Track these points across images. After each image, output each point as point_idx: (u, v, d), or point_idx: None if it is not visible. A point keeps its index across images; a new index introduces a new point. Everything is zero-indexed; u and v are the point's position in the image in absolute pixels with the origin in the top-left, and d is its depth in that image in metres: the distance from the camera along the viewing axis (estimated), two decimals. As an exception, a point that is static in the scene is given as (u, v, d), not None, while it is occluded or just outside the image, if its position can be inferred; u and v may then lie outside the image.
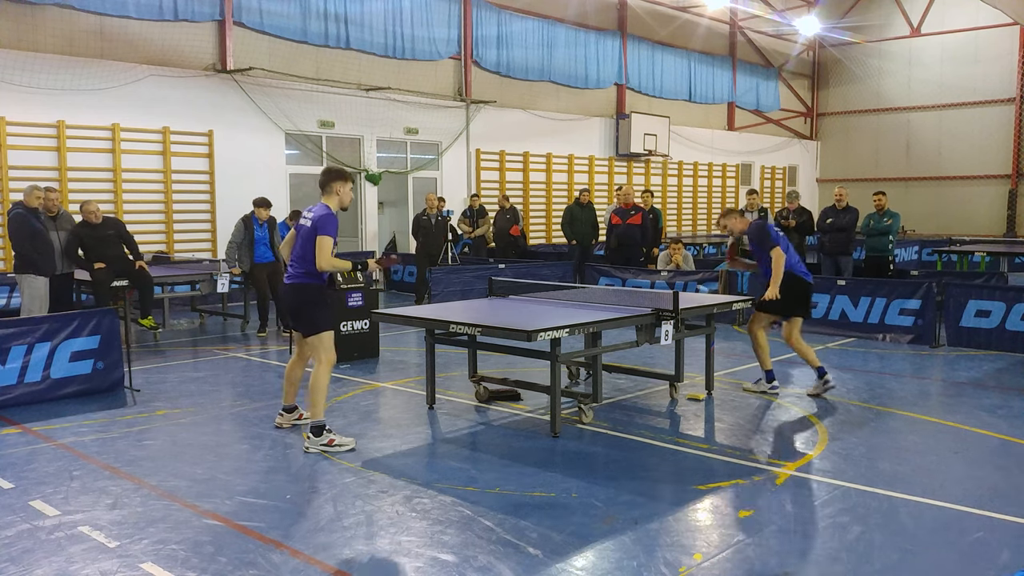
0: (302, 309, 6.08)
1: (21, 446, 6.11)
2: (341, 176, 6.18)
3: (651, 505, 4.90)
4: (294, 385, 6.53)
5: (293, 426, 6.54)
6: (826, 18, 26.80)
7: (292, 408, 6.59)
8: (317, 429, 5.96)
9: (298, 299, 6.07)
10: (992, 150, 26.19)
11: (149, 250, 13.47)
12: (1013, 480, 5.37)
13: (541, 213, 20.62)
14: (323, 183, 6.16)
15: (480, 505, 4.88)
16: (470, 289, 12.80)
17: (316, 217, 5.98)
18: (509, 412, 7.07)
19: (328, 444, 5.92)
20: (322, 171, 6.32)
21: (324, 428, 5.97)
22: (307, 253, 5.95)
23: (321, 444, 5.92)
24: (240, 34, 14.97)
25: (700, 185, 25.28)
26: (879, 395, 7.64)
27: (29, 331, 7.35)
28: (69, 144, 13.03)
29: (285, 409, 6.60)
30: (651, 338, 6.74)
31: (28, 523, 4.63)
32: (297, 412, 6.60)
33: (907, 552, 4.24)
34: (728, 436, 6.42)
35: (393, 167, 17.69)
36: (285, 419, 6.57)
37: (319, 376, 6.03)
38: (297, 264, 6.04)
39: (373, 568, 4.08)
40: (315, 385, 6.01)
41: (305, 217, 6.11)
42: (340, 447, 5.93)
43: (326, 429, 5.98)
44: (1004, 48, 25.75)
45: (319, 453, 5.86)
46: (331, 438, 5.95)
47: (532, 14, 19.93)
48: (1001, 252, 15.95)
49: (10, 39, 12.59)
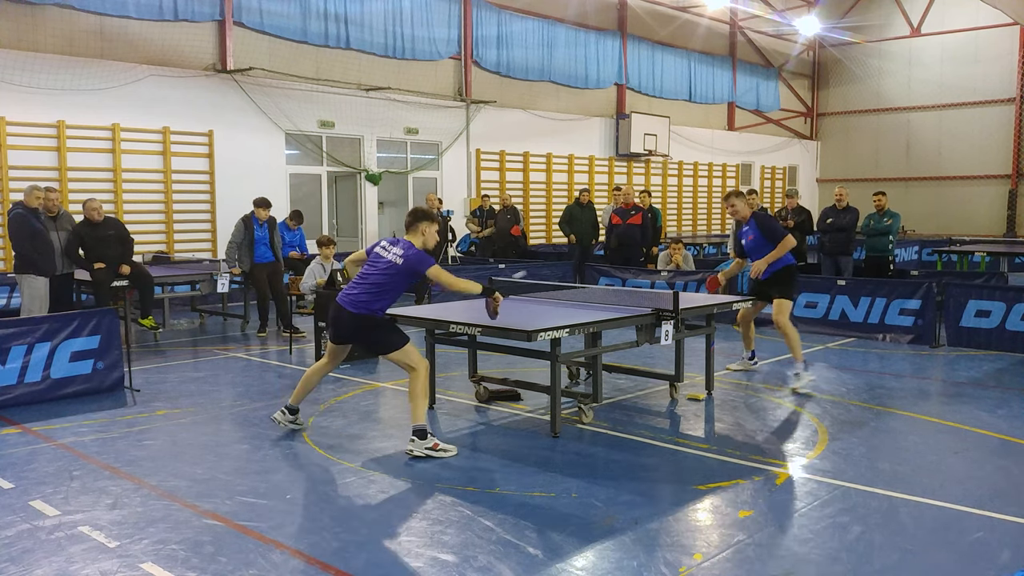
0: (371, 336, 6.03)
1: (21, 446, 6.11)
2: (429, 217, 6.14)
3: (651, 505, 4.90)
4: (308, 390, 6.42)
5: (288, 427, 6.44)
6: (826, 18, 26.80)
7: (296, 410, 6.46)
8: (422, 432, 5.87)
9: (362, 331, 5.99)
10: (992, 150, 26.20)
11: (149, 250, 13.49)
12: (1013, 480, 5.37)
13: (541, 213, 20.62)
14: (410, 223, 6.11)
15: (480, 505, 4.88)
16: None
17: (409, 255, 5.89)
18: (509, 412, 7.07)
19: (433, 448, 5.84)
20: (412, 211, 6.22)
21: (427, 432, 5.89)
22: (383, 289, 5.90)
23: (426, 447, 5.82)
24: (240, 34, 14.98)
25: (700, 185, 25.30)
26: (879, 395, 7.64)
27: (29, 331, 7.35)
28: (69, 144, 13.04)
29: (290, 409, 6.44)
30: (651, 338, 6.74)
31: (28, 523, 4.63)
32: (297, 416, 6.49)
33: (907, 552, 4.24)
34: (728, 436, 6.41)
35: (393, 167, 17.70)
36: (285, 418, 6.44)
37: (416, 384, 5.96)
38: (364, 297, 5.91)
39: (373, 568, 4.08)
40: (414, 393, 5.95)
41: (385, 248, 6.00)
42: (444, 452, 5.84)
43: (430, 433, 5.93)
44: (1004, 48, 25.75)
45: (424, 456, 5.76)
46: (436, 442, 5.88)
47: (532, 14, 19.93)
48: (1001, 252, 15.95)
49: (10, 39, 12.60)
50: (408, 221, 6.14)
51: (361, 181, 17.09)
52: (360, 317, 5.94)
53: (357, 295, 5.96)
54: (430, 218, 6.14)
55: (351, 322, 5.97)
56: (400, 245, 6.00)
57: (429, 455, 5.81)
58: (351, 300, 5.96)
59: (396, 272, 5.90)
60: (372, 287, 5.93)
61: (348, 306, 5.95)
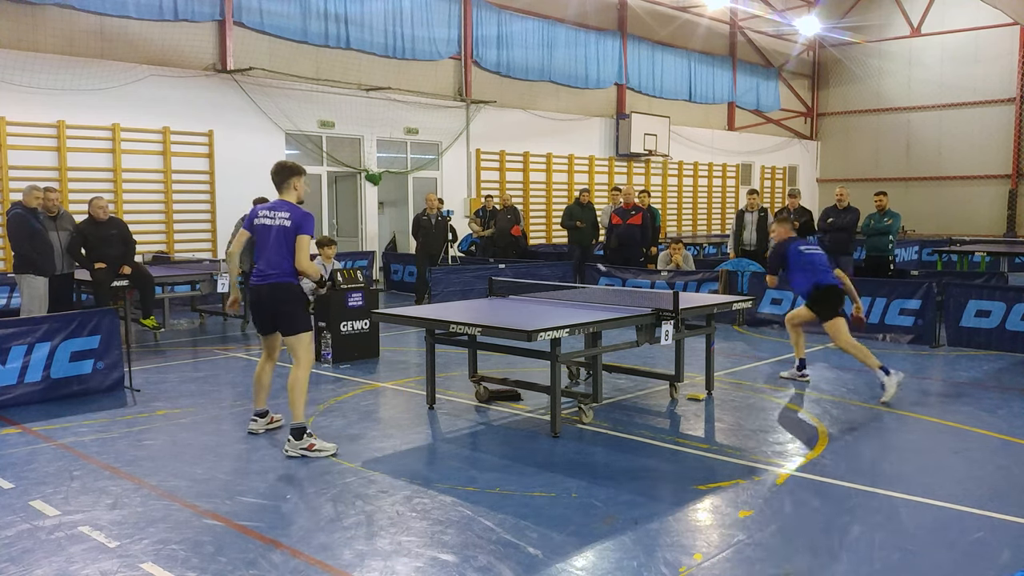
0: (282, 309, 5.96)
1: (21, 446, 6.11)
2: (298, 171, 6.09)
3: (651, 505, 4.90)
4: (265, 389, 6.35)
5: (267, 431, 6.40)
6: (826, 18, 26.80)
7: (264, 412, 6.40)
8: (298, 432, 5.81)
9: (278, 299, 5.94)
10: (992, 150, 26.19)
11: (149, 250, 13.49)
12: (1013, 480, 5.37)
13: (541, 213, 20.62)
14: (281, 181, 6.03)
15: (480, 505, 4.88)
16: (470, 289, 12.80)
17: (296, 217, 5.88)
18: (509, 412, 7.07)
19: (308, 448, 5.77)
20: (277, 166, 6.15)
21: (305, 431, 5.83)
22: (283, 252, 5.86)
23: (301, 448, 5.77)
24: (240, 34, 14.97)
25: (700, 185, 25.29)
26: (879, 395, 7.63)
27: (29, 331, 7.35)
28: (69, 144, 13.04)
29: (258, 414, 6.39)
30: (651, 338, 6.74)
31: (28, 523, 4.63)
32: (269, 416, 6.45)
33: (907, 552, 4.24)
34: (728, 436, 6.41)
35: (393, 167, 17.69)
36: (259, 424, 6.37)
37: (300, 377, 5.91)
38: (272, 263, 5.89)
39: (373, 568, 4.08)
40: (295, 386, 5.87)
41: (268, 215, 5.95)
42: (320, 452, 5.78)
43: (307, 432, 5.84)
44: (1004, 48, 25.75)
45: (300, 457, 5.74)
46: (311, 442, 5.80)
47: (532, 14, 19.93)
48: (1001, 252, 15.95)
49: (10, 39, 12.60)
50: (277, 181, 6.04)
51: (361, 181, 17.08)
52: (275, 286, 5.90)
53: (264, 268, 5.92)
54: (297, 172, 6.07)
55: (268, 294, 5.93)
56: (283, 208, 5.93)
57: (304, 455, 5.75)
58: (260, 274, 5.93)
59: (287, 234, 5.86)
60: (273, 254, 5.88)
61: (261, 280, 5.92)
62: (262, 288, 5.95)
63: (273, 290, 5.93)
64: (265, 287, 5.94)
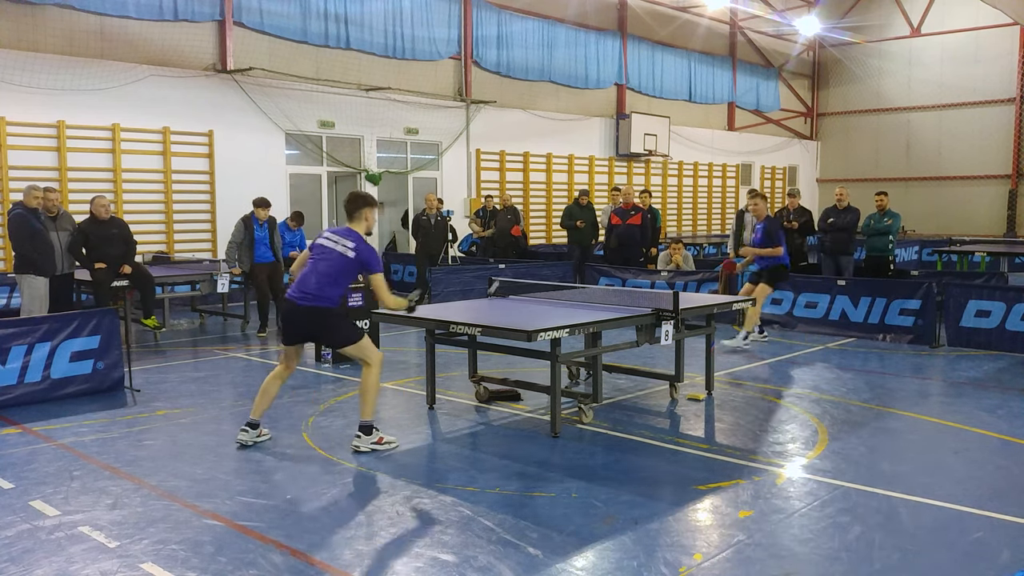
0: (323, 333, 6.10)
1: (21, 446, 6.11)
2: (371, 203, 6.08)
3: (651, 505, 4.90)
4: (269, 399, 6.15)
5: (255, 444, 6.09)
6: (826, 18, 26.80)
7: (257, 424, 6.13)
8: (367, 428, 5.94)
9: (316, 323, 5.96)
10: (992, 150, 26.19)
11: (149, 250, 13.49)
12: (1013, 480, 5.37)
13: (541, 213, 20.62)
14: (353, 210, 5.99)
15: (480, 505, 4.88)
16: (470, 289, 12.80)
17: (363, 252, 5.85)
18: (509, 412, 7.07)
19: (378, 442, 5.93)
20: (352, 195, 6.10)
21: (374, 427, 5.98)
22: (335, 280, 5.87)
23: (371, 443, 5.91)
24: (240, 34, 14.97)
25: (700, 185, 25.29)
26: (879, 395, 7.64)
27: (29, 331, 7.35)
28: (69, 144, 13.04)
29: (251, 424, 6.10)
30: (651, 338, 6.74)
31: (28, 523, 4.63)
32: (260, 429, 6.17)
33: (907, 552, 4.24)
34: (728, 436, 6.42)
35: (393, 167, 17.69)
36: (249, 436, 6.07)
37: (371, 377, 5.97)
38: (320, 288, 5.84)
39: (373, 568, 4.08)
40: (369, 388, 5.96)
41: (332, 240, 5.91)
42: (388, 445, 5.96)
43: (375, 428, 6.00)
44: (1004, 48, 25.75)
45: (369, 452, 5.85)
46: (380, 436, 5.98)
47: (532, 14, 19.93)
48: (1001, 252, 15.95)
49: (10, 39, 12.60)
50: (350, 209, 6.01)
51: (361, 181, 17.08)
52: (314, 310, 5.90)
53: (308, 289, 5.90)
54: (370, 203, 6.06)
55: (306, 316, 5.93)
56: (350, 237, 5.91)
57: (374, 449, 5.90)
58: (303, 295, 5.91)
59: (346, 264, 5.87)
60: (323, 277, 5.87)
61: (301, 301, 5.90)
62: (300, 309, 5.90)
63: (311, 314, 5.91)
64: (303, 309, 5.89)
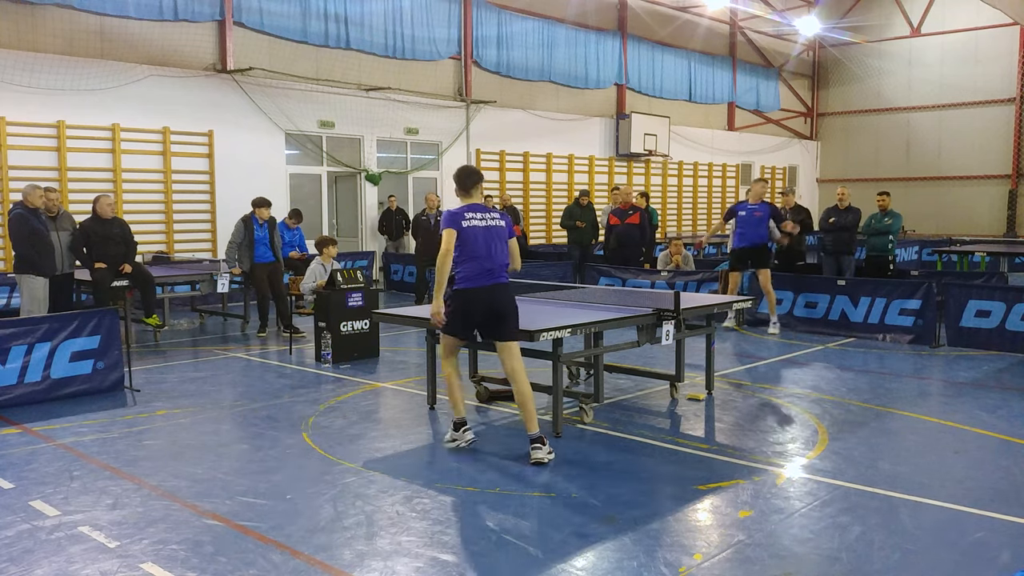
0: (513, 310, 5.77)
1: (21, 446, 6.11)
2: (482, 177, 5.97)
3: (651, 505, 4.90)
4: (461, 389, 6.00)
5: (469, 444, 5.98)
6: (826, 18, 26.81)
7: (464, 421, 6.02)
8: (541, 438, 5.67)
9: (510, 299, 5.75)
10: (992, 150, 26.20)
11: (149, 250, 13.49)
12: (1013, 480, 5.36)
13: (541, 213, 20.62)
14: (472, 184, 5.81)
15: (480, 505, 4.88)
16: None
17: (506, 219, 5.83)
18: (509, 412, 7.07)
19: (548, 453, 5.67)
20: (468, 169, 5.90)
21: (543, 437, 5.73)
22: (505, 252, 5.76)
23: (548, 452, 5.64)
24: (240, 34, 14.97)
25: (700, 185, 25.29)
26: (879, 395, 7.64)
27: (29, 331, 7.35)
28: (69, 144, 13.04)
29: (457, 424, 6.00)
30: (652, 338, 6.74)
31: (28, 523, 4.62)
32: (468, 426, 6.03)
33: (907, 552, 4.24)
34: (728, 436, 6.41)
35: (393, 167, 17.69)
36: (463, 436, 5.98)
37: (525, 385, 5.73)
38: (498, 264, 5.70)
39: (373, 568, 4.08)
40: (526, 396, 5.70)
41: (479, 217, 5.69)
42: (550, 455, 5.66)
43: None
44: (1004, 48, 25.75)
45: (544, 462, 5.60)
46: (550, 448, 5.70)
47: (532, 14, 19.93)
48: (1001, 252, 15.96)
49: (10, 39, 12.60)
50: (469, 184, 5.80)
51: (361, 181, 17.08)
52: (509, 287, 5.78)
53: (492, 267, 5.65)
54: (482, 178, 5.97)
55: (504, 295, 5.72)
56: (488, 210, 5.79)
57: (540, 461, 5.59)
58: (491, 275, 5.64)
59: (502, 234, 5.77)
60: (498, 255, 5.70)
61: (492, 281, 5.67)
62: (494, 289, 5.67)
63: (507, 290, 5.76)
64: (499, 287, 5.70)
